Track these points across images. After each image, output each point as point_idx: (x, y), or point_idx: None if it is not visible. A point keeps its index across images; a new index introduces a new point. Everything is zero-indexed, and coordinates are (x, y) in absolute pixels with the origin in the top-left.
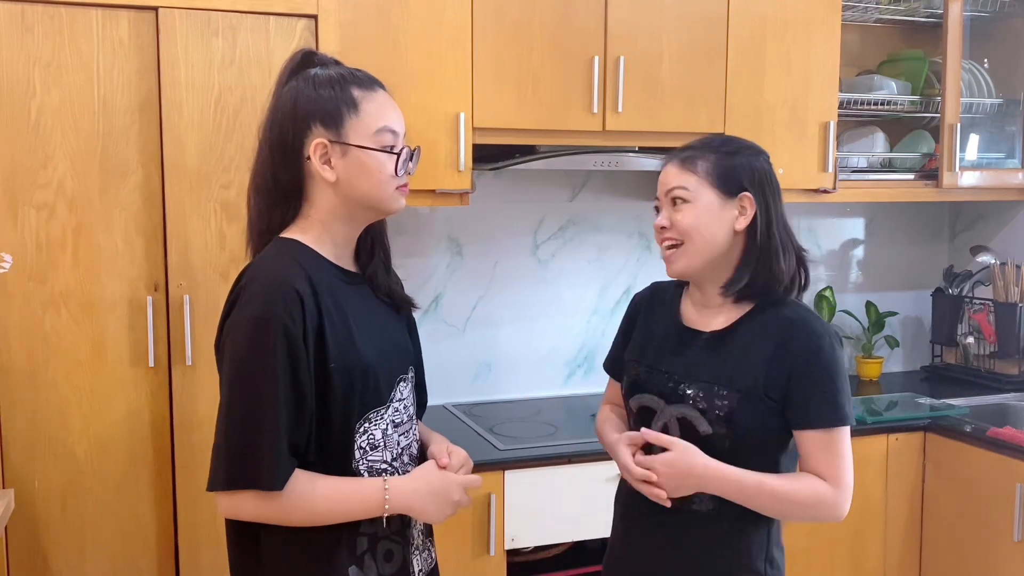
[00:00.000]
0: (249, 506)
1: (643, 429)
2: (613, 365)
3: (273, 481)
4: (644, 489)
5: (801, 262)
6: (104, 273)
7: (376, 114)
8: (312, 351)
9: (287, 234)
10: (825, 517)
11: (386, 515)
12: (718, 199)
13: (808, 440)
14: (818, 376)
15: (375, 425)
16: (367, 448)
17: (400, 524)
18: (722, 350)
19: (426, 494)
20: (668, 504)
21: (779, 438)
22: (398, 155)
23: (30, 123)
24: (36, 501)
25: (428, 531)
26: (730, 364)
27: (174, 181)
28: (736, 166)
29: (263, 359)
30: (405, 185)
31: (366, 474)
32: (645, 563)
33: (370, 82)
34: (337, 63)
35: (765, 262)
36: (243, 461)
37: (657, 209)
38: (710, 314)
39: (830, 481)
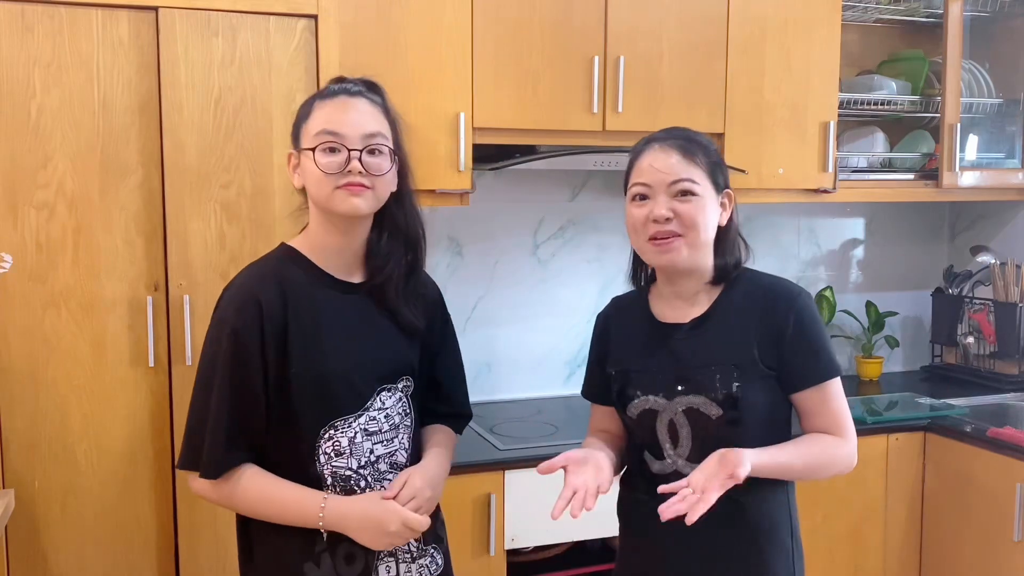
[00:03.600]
0: (202, 488)
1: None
2: (593, 389)
3: (209, 469)
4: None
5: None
6: (104, 273)
7: (320, 118)
8: (273, 356)
9: (292, 240)
10: (843, 469)
11: (323, 530)
12: (714, 194)
13: (806, 399)
14: (804, 335)
15: (342, 432)
16: (331, 454)
17: None
18: (707, 334)
19: (359, 519)
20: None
21: (785, 410)
22: (314, 151)
23: (30, 123)
24: (36, 501)
25: (434, 538)
26: (720, 345)
27: (174, 181)
28: (720, 164)
29: (214, 358)
30: (351, 184)
31: (330, 479)
32: (670, 566)
33: (337, 92)
34: (352, 81)
35: (738, 250)
36: (191, 447)
37: (641, 197)
38: (684, 305)
39: (836, 433)
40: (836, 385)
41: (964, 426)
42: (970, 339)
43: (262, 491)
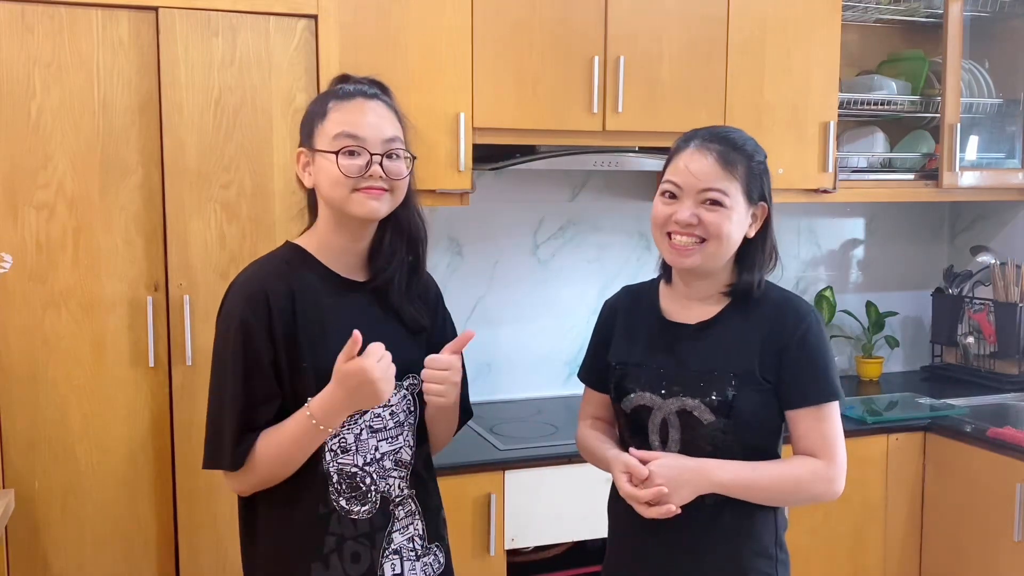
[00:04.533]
0: (234, 482)
1: (631, 449)
2: (591, 374)
3: (234, 462)
4: (652, 513)
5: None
6: (104, 273)
7: (338, 120)
8: (284, 350)
9: (298, 238)
10: (822, 494)
11: (328, 429)
12: (745, 207)
13: (800, 419)
14: (808, 354)
15: (348, 429)
16: (337, 450)
17: (369, 527)
18: (712, 339)
19: (344, 392)
20: (679, 512)
21: (777, 423)
22: (336, 154)
23: (30, 123)
24: (36, 501)
25: (436, 536)
26: (723, 351)
27: (174, 181)
28: (760, 176)
29: (225, 352)
30: (370, 188)
31: (336, 476)
32: (653, 565)
33: (354, 94)
34: (358, 81)
35: (767, 265)
36: (212, 444)
37: (670, 195)
38: (694, 306)
39: (823, 457)
40: (832, 409)
41: (964, 426)
42: (970, 339)
43: (270, 447)
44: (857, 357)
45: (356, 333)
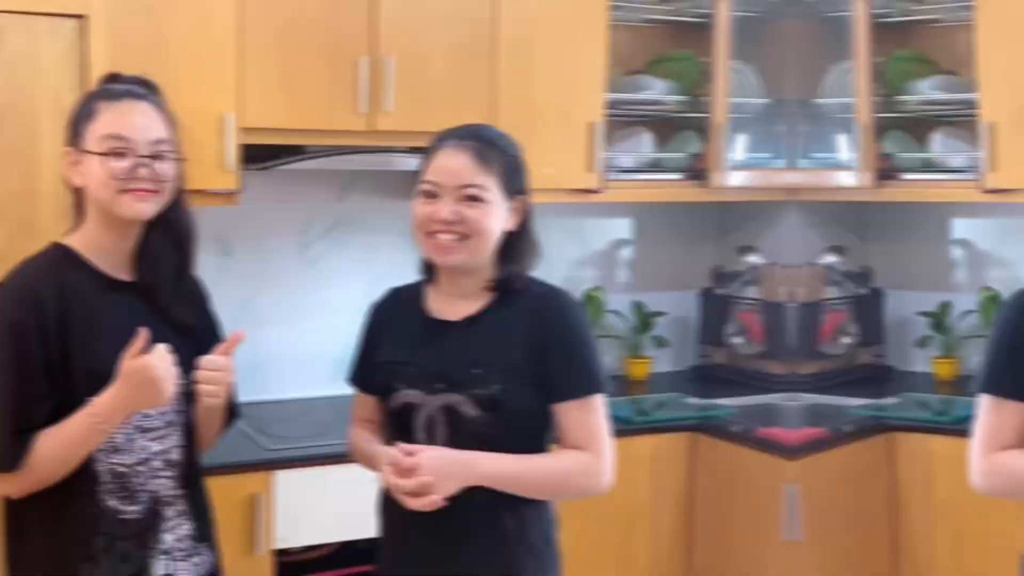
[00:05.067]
0: (6, 485)
1: (397, 444)
2: (360, 377)
3: (10, 464)
4: (417, 504)
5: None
6: None
7: (107, 121)
8: (56, 350)
9: (64, 238)
10: (590, 487)
11: (109, 428)
12: (503, 200)
13: (566, 412)
14: (573, 347)
15: (119, 429)
16: (108, 450)
17: (139, 527)
18: (478, 335)
19: (128, 389)
20: (443, 504)
21: (545, 417)
22: (104, 156)
23: None
24: None
25: (202, 536)
26: (488, 347)
27: None
28: (518, 170)
29: None
30: (138, 190)
31: (109, 475)
32: (424, 562)
33: (123, 94)
34: (127, 80)
35: (531, 258)
36: None
37: (430, 195)
38: (460, 303)
39: (590, 451)
40: (597, 402)
41: (732, 426)
42: (738, 339)
43: (49, 448)
44: (625, 357)
45: (143, 331)
